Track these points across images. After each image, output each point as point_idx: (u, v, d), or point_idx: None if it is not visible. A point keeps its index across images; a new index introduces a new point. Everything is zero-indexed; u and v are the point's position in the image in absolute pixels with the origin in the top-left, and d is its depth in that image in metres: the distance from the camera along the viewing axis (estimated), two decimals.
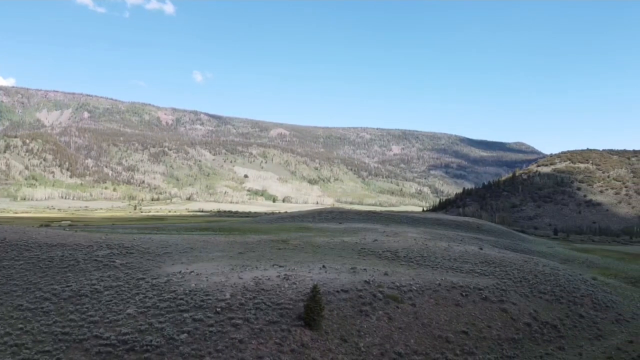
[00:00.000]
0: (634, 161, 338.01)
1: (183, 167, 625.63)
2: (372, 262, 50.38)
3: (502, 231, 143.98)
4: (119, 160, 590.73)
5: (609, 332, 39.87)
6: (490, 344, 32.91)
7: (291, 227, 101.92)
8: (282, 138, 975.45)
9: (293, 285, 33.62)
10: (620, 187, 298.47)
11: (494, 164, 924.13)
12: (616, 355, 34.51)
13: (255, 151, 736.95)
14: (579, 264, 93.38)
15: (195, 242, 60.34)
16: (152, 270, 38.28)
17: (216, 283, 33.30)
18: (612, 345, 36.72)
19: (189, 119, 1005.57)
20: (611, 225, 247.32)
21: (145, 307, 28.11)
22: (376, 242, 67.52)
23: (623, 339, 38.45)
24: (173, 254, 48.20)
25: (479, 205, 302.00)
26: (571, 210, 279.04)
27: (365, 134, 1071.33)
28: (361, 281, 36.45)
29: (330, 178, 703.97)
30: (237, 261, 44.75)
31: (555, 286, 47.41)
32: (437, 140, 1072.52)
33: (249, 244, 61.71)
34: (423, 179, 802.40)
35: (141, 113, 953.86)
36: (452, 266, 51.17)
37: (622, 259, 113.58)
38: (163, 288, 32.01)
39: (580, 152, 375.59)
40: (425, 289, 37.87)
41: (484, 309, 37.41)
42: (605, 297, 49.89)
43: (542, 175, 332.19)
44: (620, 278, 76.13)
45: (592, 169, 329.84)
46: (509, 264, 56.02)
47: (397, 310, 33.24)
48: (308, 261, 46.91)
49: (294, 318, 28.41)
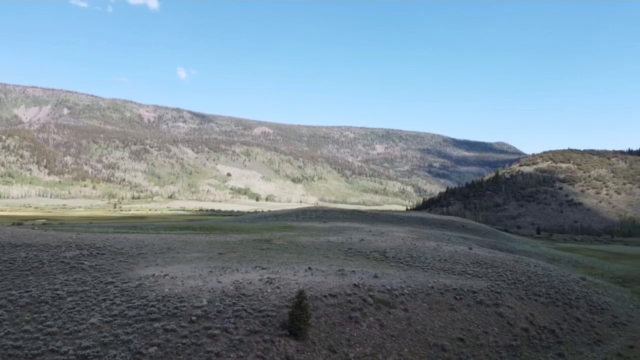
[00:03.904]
0: (614, 161, 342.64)
1: (165, 165, 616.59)
2: (360, 263, 47.94)
3: (487, 230, 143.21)
4: (99, 158, 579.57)
5: (607, 337, 38.07)
6: (487, 351, 30.72)
7: (274, 226, 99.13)
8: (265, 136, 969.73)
9: (277, 289, 30.98)
10: (601, 187, 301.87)
11: (476, 163, 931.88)
12: None
13: (238, 149, 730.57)
14: (565, 264, 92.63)
15: (174, 242, 57.29)
16: (123, 273, 35.28)
17: (192, 288, 30.49)
18: (613, 350, 34.87)
19: (171, 117, 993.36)
20: (592, 225, 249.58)
21: (111, 316, 25.20)
22: (363, 241, 65.16)
23: (623, 344, 36.66)
24: (148, 255, 45.12)
25: (463, 205, 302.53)
26: (553, 209, 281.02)
27: (349, 133, 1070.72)
28: (350, 284, 33.97)
29: (314, 177, 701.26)
30: (216, 263, 41.90)
31: (549, 288, 45.57)
32: (420, 139, 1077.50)
33: (230, 243, 58.84)
34: (406, 178, 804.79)
35: (122, 110, 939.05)
36: (444, 267, 49.01)
37: (606, 259, 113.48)
38: (133, 293, 29.11)
39: (562, 152, 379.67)
40: (418, 292, 35.56)
41: (479, 314, 35.26)
42: (599, 298, 48.30)
43: (525, 174, 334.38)
44: (607, 278, 75.34)
45: (573, 169, 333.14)
46: (501, 264, 54.13)
47: (389, 316, 30.83)
48: (293, 262, 44.28)
49: (278, 327, 25.80)
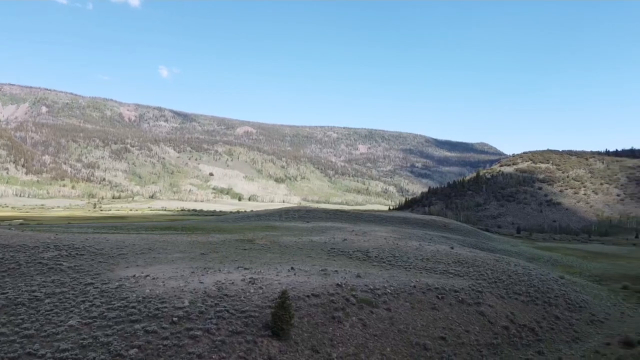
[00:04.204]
0: (592, 162, 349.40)
1: (146, 164, 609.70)
2: (343, 262, 48.00)
3: (468, 230, 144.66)
4: (79, 157, 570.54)
5: (585, 334, 38.76)
6: (469, 350, 31.02)
7: (257, 226, 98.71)
8: (248, 136, 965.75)
9: (259, 290, 30.83)
10: (579, 187, 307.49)
11: (458, 163, 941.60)
12: (595, 358, 33.24)
13: (221, 149, 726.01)
14: (544, 263, 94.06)
15: (155, 242, 56.59)
16: (103, 274, 34.73)
17: (174, 288, 30.16)
18: (591, 348, 35.50)
19: (152, 116, 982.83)
20: (571, 224, 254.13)
21: (90, 318, 24.78)
22: (346, 241, 65.26)
23: (600, 341, 37.35)
24: (128, 255, 44.51)
25: (444, 204, 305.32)
26: (533, 209, 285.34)
27: (332, 133, 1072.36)
28: (333, 284, 33.98)
29: (297, 177, 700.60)
30: (198, 263, 41.53)
31: (529, 287, 46.21)
32: (403, 140, 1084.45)
33: (213, 244, 58.37)
34: (389, 178, 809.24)
35: (103, 109, 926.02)
36: (426, 266, 49.35)
37: (584, 257, 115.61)
38: (113, 295, 28.67)
39: (541, 152, 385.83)
40: (400, 292, 35.74)
41: (461, 312, 35.59)
42: (577, 297, 49.14)
43: (505, 175, 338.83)
44: (584, 276, 76.68)
45: (552, 169, 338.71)
46: (482, 263, 54.72)
47: (371, 316, 30.92)
48: (275, 262, 44.12)
49: (261, 327, 25.67)
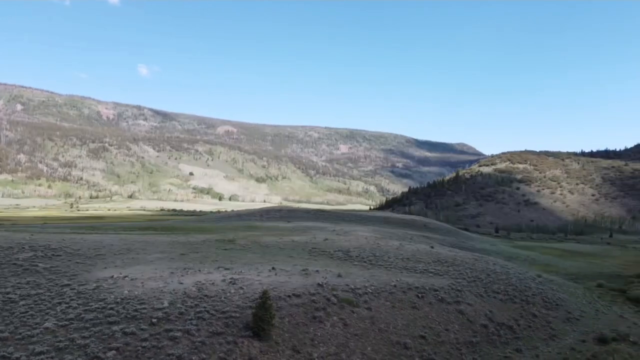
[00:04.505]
0: (568, 162, 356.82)
1: (125, 163, 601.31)
2: (324, 262, 48.03)
3: (448, 229, 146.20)
4: (55, 156, 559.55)
5: (561, 332, 39.48)
6: (448, 348, 31.33)
7: (238, 226, 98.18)
8: (229, 135, 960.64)
9: (240, 290, 30.65)
10: (555, 187, 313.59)
11: (438, 164, 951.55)
12: (571, 355, 33.90)
13: (201, 148, 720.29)
14: (522, 261, 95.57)
15: (134, 242, 55.80)
16: (80, 275, 34.10)
17: (153, 289, 29.78)
18: (567, 345, 36.19)
19: (131, 114, 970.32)
20: (548, 224, 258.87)
21: (67, 320, 24.29)
22: (327, 241, 65.34)
23: (576, 338, 38.11)
24: (106, 256, 43.79)
25: (425, 204, 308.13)
26: (511, 209, 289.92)
27: (313, 133, 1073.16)
28: (314, 284, 33.98)
29: (278, 176, 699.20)
30: (178, 263, 41.10)
31: (507, 285, 46.90)
32: (384, 140, 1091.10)
33: (193, 244, 57.84)
34: (370, 178, 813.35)
35: (80, 107, 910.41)
36: (406, 266, 49.70)
37: (560, 256, 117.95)
38: (91, 296, 28.17)
39: (519, 153, 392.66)
40: (381, 291, 35.93)
41: (441, 311, 35.94)
42: (554, 295, 50.00)
43: (484, 175, 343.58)
44: (561, 274, 78.14)
45: (530, 170, 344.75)
46: (461, 262, 55.33)
47: (352, 315, 31.01)
48: (256, 262, 43.93)
49: (241, 328, 25.52)
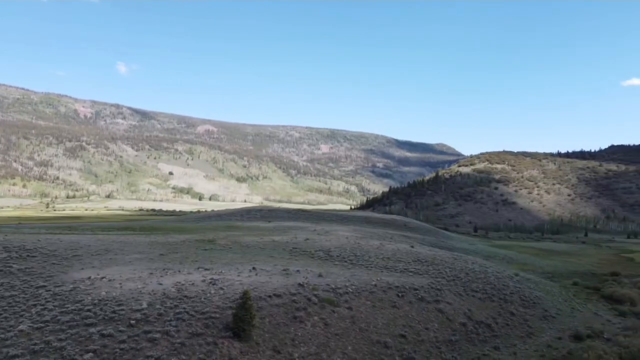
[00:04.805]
0: (545, 163, 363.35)
1: (102, 163, 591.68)
2: (305, 262, 48.04)
3: (428, 229, 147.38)
4: (30, 155, 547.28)
5: (538, 329, 40.22)
6: (428, 347, 31.65)
7: (218, 226, 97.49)
8: (209, 135, 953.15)
9: (220, 290, 30.45)
10: (532, 187, 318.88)
11: (418, 164, 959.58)
12: (548, 352, 34.56)
13: (181, 147, 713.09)
14: (500, 260, 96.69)
15: (112, 243, 54.96)
16: (56, 276, 33.45)
17: (131, 290, 29.39)
18: (543, 342, 36.90)
19: (110, 113, 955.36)
20: (525, 223, 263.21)
21: (42, 322, 23.82)
22: (308, 241, 65.35)
23: (552, 336, 38.89)
24: (83, 256, 43.05)
25: (405, 204, 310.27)
26: (489, 208, 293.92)
27: (294, 133, 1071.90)
28: (295, 284, 33.96)
29: (259, 176, 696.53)
30: (157, 264, 40.63)
31: (486, 284, 47.58)
32: (364, 140, 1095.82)
33: (172, 244, 57.22)
34: (351, 177, 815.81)
35: (57, 105, 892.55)
36: (386, 265, 50.03)
37: (537, 255, 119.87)
38: (67, 297, 27.67)
39: (497, 153, 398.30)
40: (362, 291, 36.10)
41: (421, 310, 36.27)
42: (531, 293, 50.90)
43: (463, 175, 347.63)
44: (537, 273, 79.36)
45: (508, 170, 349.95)
46: (441, 262, 55.92)
47: (333, 315, 31.08)
48: (237, 263, 43.70)
49: (221, 328, 25.36)
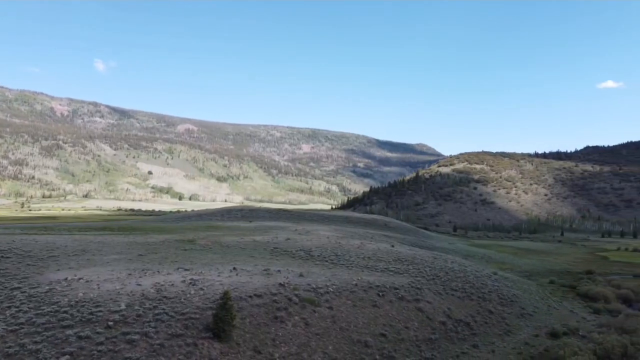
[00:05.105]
0: (522, 163, 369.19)
1: (80, 162, 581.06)
2: (286, 262, 47.98)
3: (408, 228, 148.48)
4: (5, 154, 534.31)
5: (516, 327, 40.89)
6: (408, 345, 31.90)
7: (198, 226, 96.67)
8: (189, 134, 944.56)
9: (200, 291, 30.20)
10: (510, 187, 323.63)
11: (398, 164, 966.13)
12: (525, 350, 35.14)
13: (160, 147, 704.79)
14: (479, 259, 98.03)
15: (89, 243, 54.07)
16: (31, 277, 32.76)
17: (109, 291, 28.95)
18: (521, 340, 37.53)
19: (87, 111, 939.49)
20: (503, 222, 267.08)
21: (17, 324, 23.30)
22: (289, 240, 65.28)
23: (529, 333, 39.59)
24: (60, 257, 42.25)
25: (385, 204, 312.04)
26: (468, 208, 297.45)
27: (275, 132, 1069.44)
28: (275, 284, 33.88)
29: (240, 175, 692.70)
30: (136, 264, 40.11)
31: (465, 283, 48.16)
32: (345, 140, 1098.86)
33: (151, 244, 56.55)
34: (332, 177, 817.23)
35: (32, 102, 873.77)
36: (367, 265, 50.28)
37: (515, 254, 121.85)
38: (43, 299, 27.11)
39: (476, 154, 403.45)
40: (342, 290, 36.20)
41: (401, 309, 36.53)
42: (509, 291, 51.70)
43: (443, 175, 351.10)
44: (515, 272, 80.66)
45: (486, 170, 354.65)
46: (421, 261, 56.43)
47: (314, 315, 31.11)
48: (217, 263, 43.42)
49: (201, 329, 25.17)
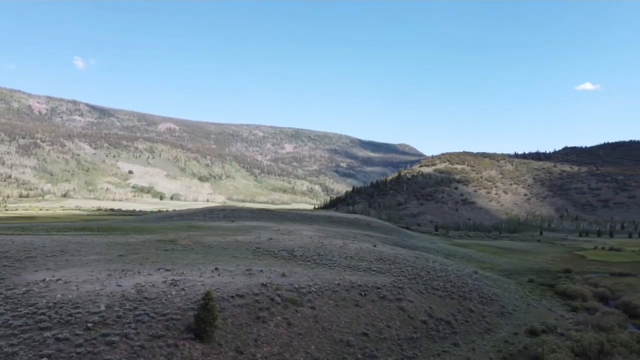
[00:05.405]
0: (502, 164, 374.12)
1: (58, 161, 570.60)
2: (269, 262, 47.88)
3: (390, 228, 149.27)
4: None
5: (496, 325, 41.45)
6: (390, 344, 32.12)
7: (180, 226, 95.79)
8: (171, 133, 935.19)
9: (182, 291, 29.96)
10: (491, 187, 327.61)
11: (381, 164, 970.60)
12: (505, 347, 35.67)
13: (141, 146, 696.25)
14: (460, 258, 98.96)
15: (68, 243, 53.20)
16: (8, 278, 32.10)
17: (89, 292, 28.53)
18: (501, 338, 38.07)
19: (66, 109, 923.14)
20: (484, 222, 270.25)
21: None
22: (271, 240, 65.13)
23: (509, 331, 40.18)
24: (38, 258, 41.48)
25: (368, 203, 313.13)
26: (450, 208, 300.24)
27: (258, 132, 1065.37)
28: (258, 284, 33.79)
29: (222, 175, 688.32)
30: (116, 265, 39.61)
31: (446, 282, 48.66)
32: (328, 140, 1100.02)
33: (132, 245, 55.88)
34: (315, 177, 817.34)
35: (9, 100, 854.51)
36: (349, 264, 50.45)
37: (495, 253, 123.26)
38: (20, 301, 26.59)
39: (458, 154, 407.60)
40: (325, 290, 36.28)
41: (383, 308, 36.75)
42: (489, 290, 52.39)
43: (425, 175, 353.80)
44: (495, 271, 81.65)
45: (467, 170, 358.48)
46: (402, 260, 56.82)
47: (296, 315, 31.11)
48: (199, 263, 43.11)
49: (183, 330, 24.97)
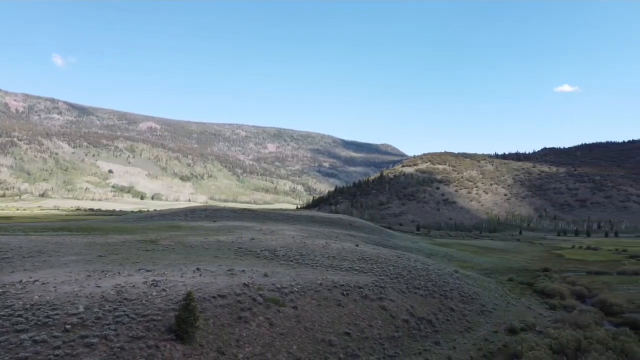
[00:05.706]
0: (483, 164, 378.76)
1: (36, 160, 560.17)
2: (251, 262, 47.72)
3: (372, 228, 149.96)
4: None
5: (476, 324, 41.95)
6: (372, 344, 32.27)
7: (161, 226, 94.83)
8: (152, 132, 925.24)
9: (162, 292, 29.66)
10: (471, 187, 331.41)
11: (363, 164, 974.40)
12: (485, 346, 36.12)
13: (121, 145, 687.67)
14: (441, 258, 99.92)
15: (46, 244, 52.26)
16: None
17: (67, 294, 28.06)
18: (480, 336, 38.54)
19: (44, 107, 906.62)
20: (464, 222, 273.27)
21: None
22: (253, 240, 64.93)
23: (489, 330, 40.70)
24: (14, 259, 40.67)
25: (350, 203, 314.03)
26: (431, 207, 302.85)
27: (240, 131, 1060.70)
28: (240, 284, 33.64)
29: (204, 175, 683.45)
30: (95, 266, 39.05)
31: (427, 281, 49.08)
32: (311, 139, 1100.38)
33: (112, 245, 55.15)
34: (297, 177, 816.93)
35: None
36: (332, 264, 50.57)
37: (475, 252, 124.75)
38: None
39: (439, 154, 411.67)
40: (307, 290, 36.30)
41: (365, 308, 36.91)
42: (470, 289, 52.99)
43: (407, 175, 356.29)
44: (476, 270, 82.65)
45: (449, 170, 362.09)
46: (384, 260, 57.14)
47: (278, 315, 31.06)
48: (180, 263, 42.75)
49: (164, 331, 24.73)
